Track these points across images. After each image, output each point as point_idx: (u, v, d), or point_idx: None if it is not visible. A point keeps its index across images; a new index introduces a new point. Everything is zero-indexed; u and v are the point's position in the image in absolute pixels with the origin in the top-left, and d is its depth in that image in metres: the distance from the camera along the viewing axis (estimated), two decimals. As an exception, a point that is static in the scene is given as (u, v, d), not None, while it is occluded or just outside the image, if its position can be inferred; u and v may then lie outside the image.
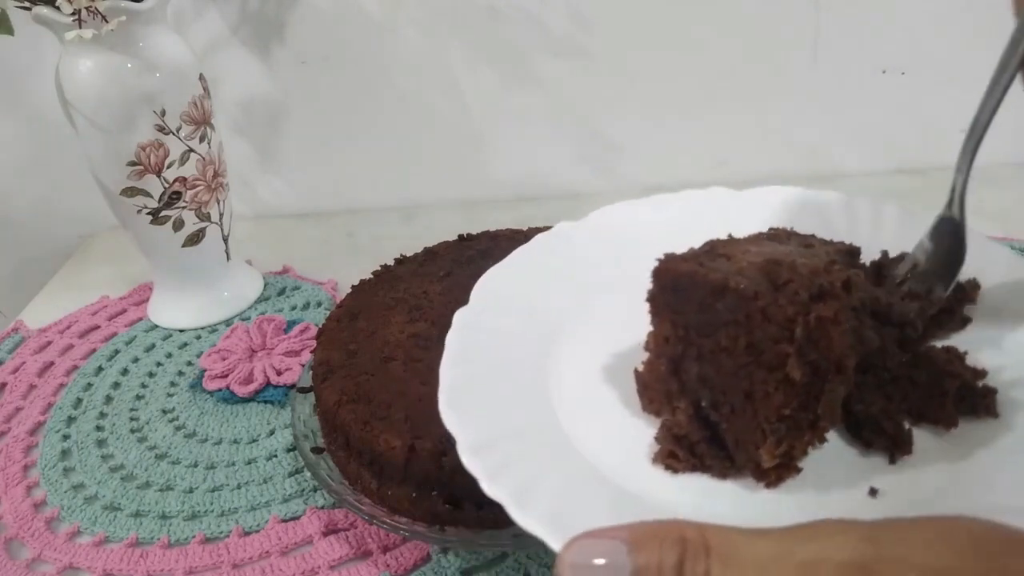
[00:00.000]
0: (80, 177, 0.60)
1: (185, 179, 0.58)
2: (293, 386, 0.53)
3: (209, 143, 0.59)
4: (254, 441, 0.51)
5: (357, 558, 0.42)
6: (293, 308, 0.65)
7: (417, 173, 0.80)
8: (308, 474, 0.46)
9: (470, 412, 0.30)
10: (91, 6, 0.50)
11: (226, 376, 0.56)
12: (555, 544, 0.23)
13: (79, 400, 0.57)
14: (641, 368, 0.32)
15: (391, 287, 0.51)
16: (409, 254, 0.54)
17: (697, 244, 0.32)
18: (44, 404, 0.57)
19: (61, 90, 0.55)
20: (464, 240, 0.55)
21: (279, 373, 0.55)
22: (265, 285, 0.68)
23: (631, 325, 0.33)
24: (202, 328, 0.64)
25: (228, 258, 0.64)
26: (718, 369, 0.29)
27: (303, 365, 0.54)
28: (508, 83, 0.74)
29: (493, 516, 0.38)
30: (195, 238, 0.61)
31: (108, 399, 0.57)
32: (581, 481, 0.28)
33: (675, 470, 0.30)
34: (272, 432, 0.52)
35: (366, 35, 0.73)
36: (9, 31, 0.54)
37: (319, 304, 0.65)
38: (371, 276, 0.53)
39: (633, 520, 0.23)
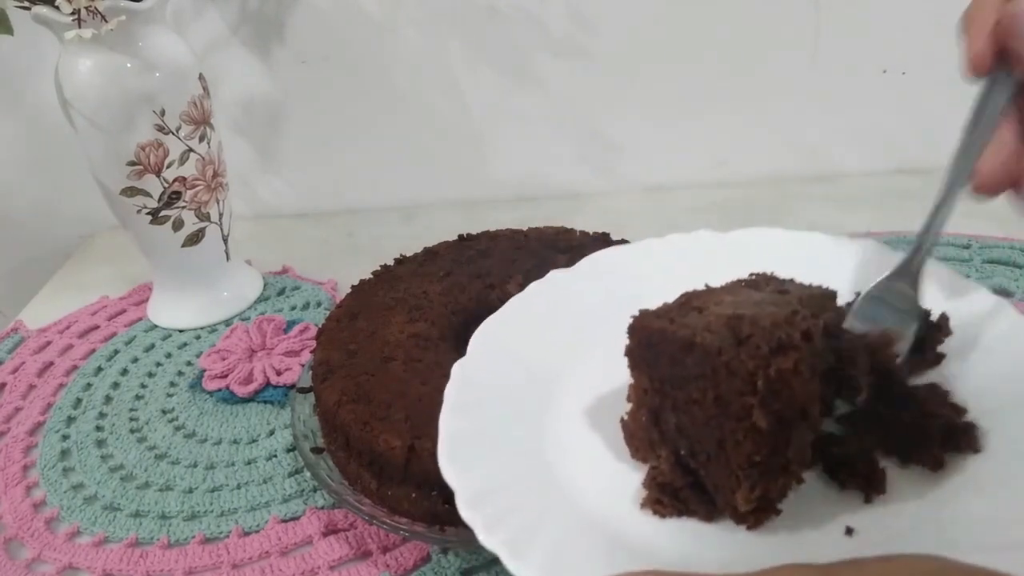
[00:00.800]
0: (80, 177, 0.60)
1: (185, 179, 0.58)
2: (293, 386, 0.53)
3: (209, 143, 0.59)
4: (254, 441, 0.51)
5: (357, 558, 0.42)
6: (293, 308, 0.65)
7: (417, 173, 0.80)
8: (308, 474, 0.46)
9: (468, 464, 0.32)
10: (90, 6, 0.50)
11: (226, 376, 0.56)
12: None
13: (79, 400, 0.57)
14: (626, 417, 0.34)
15: (391, 287, 0.50)
16: (409, 254, 0.54)
17: (682, 289, 0.35)
18: (44, 404, 0.56)
19: (61, 90, 0.55)
20: (464, 240, 0.55)
21: (279, 373, 0.55)
22: (265, 285, 0.68)
23: (620, 374, 0.34)
24: (202, 328, 0.64)
25: (228, 258, 0.64)
26: (692, 419, 0.30)
27: (303, 365, 0.54)
28: (508, 83, 0.74)
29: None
30: (195, 238, 0.61)
31: (108, 399, 0.57)
32: (575, 529, 0.30)
33: (662, 515, 0.31)
34: (272, 432, 0.52)
35: (366, 35, 0.73)
36: (9, 31, 0.54)
37: (319, 304, 0.65)
38: (371, 276, 0.53)
39: (623, 567, 0.24)
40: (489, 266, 0.51)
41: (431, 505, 0.39)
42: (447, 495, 0.38)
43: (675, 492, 0.31)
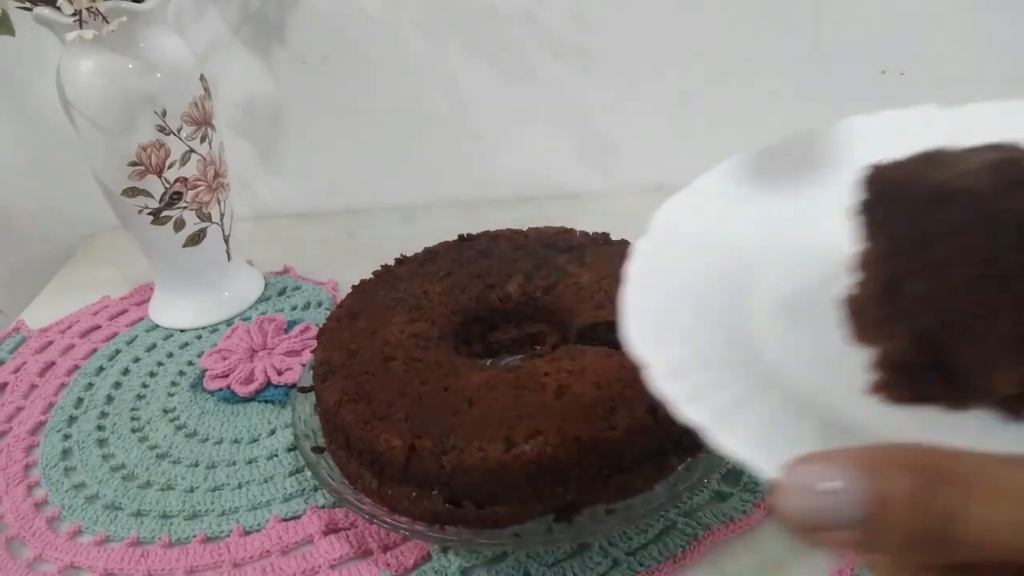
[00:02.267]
0: (81, 177, 0.60)
1: (186, 179, 0.58)
2: (294, 386, 0.53)
3: (210, 143, 0.59)
4: (255, 441, 0.51)
5: (357, 557, 0.42)
6: (294, 308, 0.65)
7: (417, 173, 0.80)
8: (309, 473, 0.46)
9: (660, 338, 0.28)
10: (92, 7, 0.50)
11: (227, 376, 0.56)
12: (765, 470, 0.21)
13: (80, 400, 0.57)
14: (851, 293, 0.29)
15: (391, 287, 0.51)
16: (409, 254, 0.54)
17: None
18: (45, 404, 0.57)
19: (62, 91, 0.55)
20: (464, 240, 0.55)
21: (280, 373, 0.55)
22: (266, 285, 0.68)
23: (833, 250, 0.30)
24: (203, 328, 0.64)
25: (229, 258, 0.65)
26: (944, 286, 0.25)
27: (304, 365, 0.54)
28: (508, 83, 0.74)
29: (493, 516, 0.38)
30: (196, 238, 0.61)
31: (109, 399, 0.57)
32: (788, 410, 0.25)
33: (896, 401, 0.26)
34: (273, 432, 0.52)
35: (366, 35, 0.73)
36: (10, 32, 0.54)
37: (319, 304, 0.65)
38: (371, 276, 0.53)
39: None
40: (489, 266, 0.51)
41: (431, 504, 0.39)
42: (447, 495, 0.39)
43: (915, 374, 0.26)
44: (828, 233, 0.30)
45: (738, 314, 0.30)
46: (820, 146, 0.38)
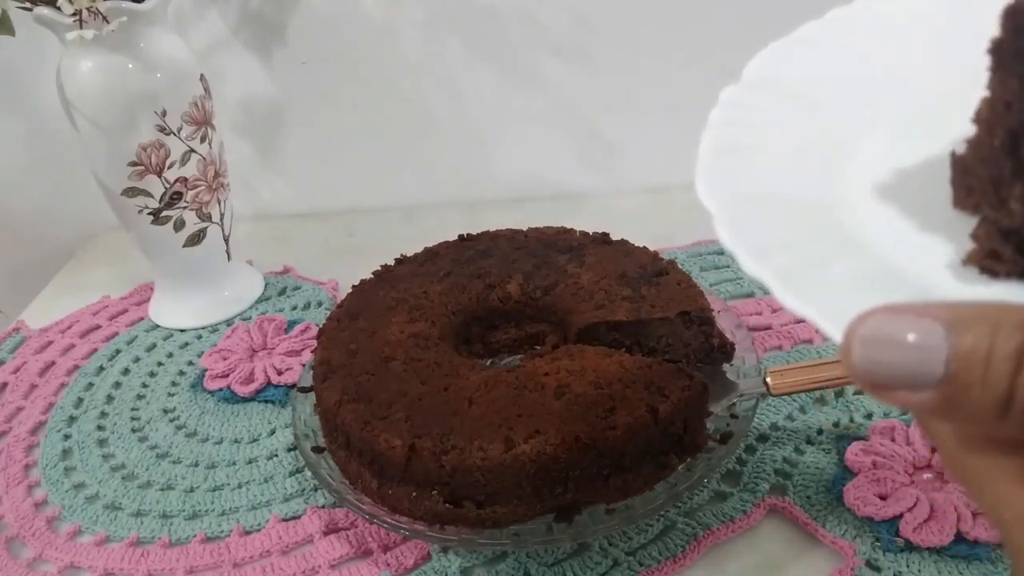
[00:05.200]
0: (81, 177, 0.60)
1: (186, 179, 0.58)
2: (294, 386, 0.53)
3: (210, 143, 0.59)
4: (255, 440, 0.51)
5: (357, 557, 0.42)
6: (294, 308, 0.65)
7: (417, 173, 0.80)
8: (309, 473, 0.46)
9: (731, 188, 0.26)
10: (92, 7, 0.50)
11: (227, 376, 0.56)
12: (832, 329, 0.19)
13: (80, 400, 0.57)
14: (962, 150, 0.25)
15: (391, 287, 0.51)
16: (409, 254, 0.54)
17: None
18: (45, 404, 0.57)
19: (62, 90, 0.55)
20: (464, 240, 0.55)
21: (280, 373, 0.55)
22: (266, 285, 0.68)
23: (940, 113, 0.27)
24: (203, 328, 0.64)
25: (229, 258, 0.65)
26: None
27: (304, 365, 0.54)
28: (508, 83, 0.74)
29: (493, 516, 0.38)
30: (196, 238, 0.61)
31: (109, 399, 0.57)
32: (869, 276, 0.23)
33: (995, 273, 0.23)
34: (273, 431, 0.52)
35: (366, 36, 0.73)
36: (10, 31, 0.54)
37: (320, 304, 0.65)
38: (371, 276, 0.53)
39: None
40: (489, 266, 0.51)
41: (431, 504, 0.39)
42: (447, 495, 0.39)
43: (1022, 243, 0.23)
44: (935, 98, 0.27)
45: (824, 175, 0.27)
46: (938, 6, 0.33)
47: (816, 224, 0.25)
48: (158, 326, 0.64)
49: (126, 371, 0.60)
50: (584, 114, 0.76)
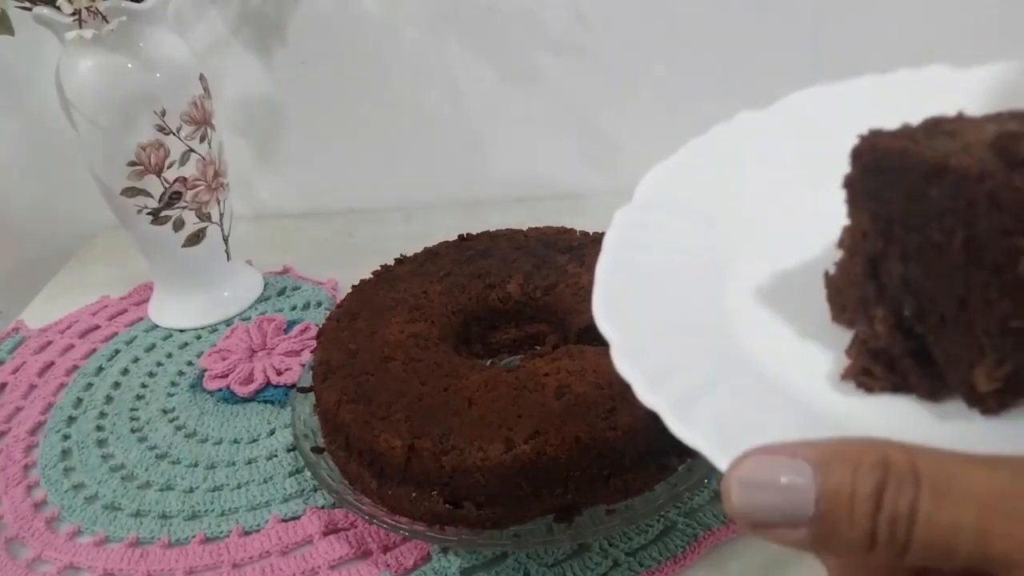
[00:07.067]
0: (80, 177, 0.60)
1: (185, 179, 0.58)
2: (293, 386, 0.53)
3: (209, 143, 0.59)
4: (254, 441, 0.51)
5: (357, 558, 0.42)
6: (293, 308, 0.65)
7: (417, 173, 0.80)
8: (308, 474, 0.46)
9: (627, 314, 0.27)
10: (91, 6, 0.50)
11: (226, 376, 0.56)
12: (721, 461, 0.20)
13: (79, 400, 0.57)
14: (832, 270, 0.27)
15: (391, 287, 0.51)
16: (409, 254, 0.54)
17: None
18: (44, 404, 0.57)
19: (61, 90, 0.55)
20: (464, 240, 0.55)
21: (279, 373, 0.55)
22: (265, 285, 0.68)
23: (818, 223, 0.28)
24: (202, 328, 0.64)
25: (228, 258, 0.65)
26: (927, 270, 0.24)
27: (303, 365, 0.54)
28: (508, 82, 0.74)
29: (493, 516, 0.38)
30: (195, 238, 0.61)
31: (108, 399, 0.57)
32: (754, 396, 0.24)
33: (870, 389, 0.25)
34: (272, 432, 0.52)
35: (366, 35, 0.73)
36: (9, 31, 0.54)
37: (319, 304, 0.65)
38: (371, 276, 0.53)
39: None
40: (489, 266, 0.51)
41: (431, 505, 0.39)
42: (447, 495, 0.39)
43: (891, 361, 0.25)
44: (819, 207, 0.28)
45: (716, 285, 0.29)
46: (815, 110, 0.36)
47: (706, 344, 0.27)
48: (157, 326, 0.64)
49: (125, 371, 0.60)
50: (584, 114, 0.76)
